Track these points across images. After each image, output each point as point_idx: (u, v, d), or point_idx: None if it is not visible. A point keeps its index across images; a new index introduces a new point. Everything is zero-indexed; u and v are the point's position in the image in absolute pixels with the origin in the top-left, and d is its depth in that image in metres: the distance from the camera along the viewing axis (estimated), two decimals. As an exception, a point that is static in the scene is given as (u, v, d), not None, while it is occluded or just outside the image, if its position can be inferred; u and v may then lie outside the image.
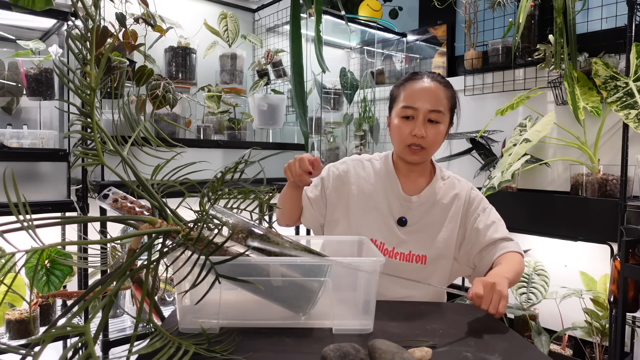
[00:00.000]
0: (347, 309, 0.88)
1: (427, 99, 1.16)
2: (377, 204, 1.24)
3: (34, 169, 1.66)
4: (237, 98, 2.48)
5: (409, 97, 1.18)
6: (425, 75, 1.20)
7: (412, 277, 1.11)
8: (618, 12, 2.02)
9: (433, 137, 1.17)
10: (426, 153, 1.19)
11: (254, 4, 2.71)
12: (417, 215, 1.22)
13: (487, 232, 1.20)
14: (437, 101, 1.17)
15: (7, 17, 1.73)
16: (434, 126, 1.17)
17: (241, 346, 0.77)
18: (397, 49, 3.04)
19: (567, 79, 1.85)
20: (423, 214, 1.23)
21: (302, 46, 1.35)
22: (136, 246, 0.79)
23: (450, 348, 0.78)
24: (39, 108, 1.93)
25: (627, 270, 1.56)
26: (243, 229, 0.88)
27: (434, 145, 1.19)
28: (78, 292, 1.26)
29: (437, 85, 1.18)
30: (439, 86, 1.19)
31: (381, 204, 1.24)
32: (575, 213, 1.92)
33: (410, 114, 1.17)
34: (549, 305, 2.11)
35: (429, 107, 1.16)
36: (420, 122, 1.16)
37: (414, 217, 1.22)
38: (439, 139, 1.19)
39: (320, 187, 1.30)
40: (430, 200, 1.23)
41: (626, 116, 1.66)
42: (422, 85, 1.18)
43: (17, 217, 0.61)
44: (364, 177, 1.28)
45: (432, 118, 1.17)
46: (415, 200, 1.23)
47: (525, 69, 2.32)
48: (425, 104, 1.16)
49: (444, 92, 1.19)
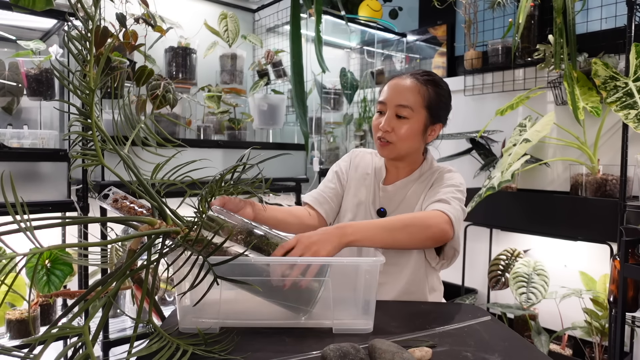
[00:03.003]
0: (347, 308, 0.88)
1: (395, 94, 1.17)
2: (365, 196, 1.26)
3: (34, 169, 1.66)
4: (237, 98, 2.48)
5: (382, 92, 1.20)
6: (408, 73, 1.20)
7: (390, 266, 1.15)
8: (618, 13, 2.03)
9: (400, 132, 1.15)
10: (394, 147, 1.18)
11: (254, 4, 2.71)
12: (393, 205, 1.22)
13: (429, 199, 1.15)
14: (405, 97, 1.15)
15: (8, 17, 1.73)
16: (401, 121, 1.16)
17: (241, 346, 0.77)
18: (397, 49, 3.04)
19: (566, 79, 1.85)
20: (399, 203, 1.22)
21: (302, 46, 1.36)
22: (136, 247, 0.79)
23: (450, 348, 0.79)
24: (39, 108, 1.93)
25: (627, 270, 1.56)
26: (242, 230, 0.88)
27: (402, 141, 1.16)
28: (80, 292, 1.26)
29: (413, 82, 1.17)
30: (415, 83, 1.17)
31: (367, 196, 1.26)
32: (575, 213, 1.92)
33: (380, 108, 1.19)
34: (548, 305, 2.11)
35: (395, 102, 1.16)
36: (387, 116, 1.17)
37: (391, 207, 1.23)
38: (409, 135, 1.16)
39: (336, 180, 1.32)
40: (405, 188, 1.22)
41: (626, 116, 1.66)
42: (396, 81, 1.19)
43: (16, 219, 0.62)
44: (362, 168, 1.31)
45: (398, 113, 1.16)
46: (391, 189, 1.23)
47: (525, 69, 2.32)
48: (393, 98, 1.16)
49: (420, 89, 1.16)
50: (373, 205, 1.24)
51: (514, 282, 2.03)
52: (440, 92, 1.19)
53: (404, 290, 1.18)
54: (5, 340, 1.61)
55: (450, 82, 2.71)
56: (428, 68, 2.91)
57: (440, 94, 1.20)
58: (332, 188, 1.31)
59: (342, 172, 1.33)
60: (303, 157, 2.51)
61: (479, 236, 2.50)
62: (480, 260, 2.55)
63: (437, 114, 1.20)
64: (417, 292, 1.19)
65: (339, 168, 1.34)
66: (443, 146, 2.67)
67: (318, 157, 2.53)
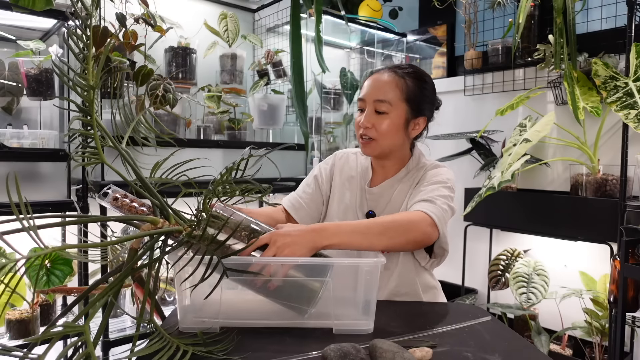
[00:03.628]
0: (348, 308, 0.88)
1: (373, 90, 1.16)
2: (351, 199, 1.24)
3: (34, 169, 1.66)
4: (237, 98, 2.48)
5: (362, 89, 1.19)
6: (387, 68, 1.19)
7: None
8: (618, 12, 2.03)
9: (380, 127, 1.14)
10: (377, 144, 1.16)
11: (254, 4, 2.71)
12: (380, 207, 1.20)
13: (414, 198, 1.13)
14: (382, 91, 1.14)
15: (7, 17, 1.73)
16: (380, 117, 1.14)
17: (241, 346, 0.77)
18: (397, 49, 3.04)
19: (566, 79, 1.85)
20: (385, 204, 1.20)
21: (302, 46, 1.35)
22: (137, 246, 0.79)
23: (451, 348, 0.79)
24: (39, 108, 1.93)
25: (627, 270, 1.56)
26: (245, 227, 0.89)
27: (384, 137, 1.15)
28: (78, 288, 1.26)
29: (390, 76, 1.15)
30: (392, 76, 1.15)
31: (353, 200, 1.23)
32: (575, 213, 1.92)
33: (361, 106, 1.19)
34: (548, 305, 2.11)
35: (374, 97, 1.15)
36: (366, 112, 1.16)
37: (378, 209, 1.20)
38: (390, 129, 1.14)
39: (314, 185, 1.29)
40: (392, 189, 1.20)
41: (626, 116, 1.66)
42: (374, 77, 1.18)
43: (19, 218, 0.61)
44: (347, 171, 1.28)
45: (378, 108, 1.14)
46: (376, 191, 1.21)
47: (525, 69, 2.32)
48: (371, 94, 1.15)
49: (398, 82, 1.14)
50: (360, 209, 1.22)
51: (514, 282, 2.02)
52: (420, 85, 1.17)
53: (394, 291, 1.16)
54: (5, 340, 1.61)
55: (450, 82, 2.75)
56: (428, 68, 2.91)
57: (421, 86, 1.17)
58: (310, 193, 1.28)
59: (321, 177, 1.29)
60: (303, 157, 2.50)
61: (479, 236, 2.50)
62: (480, 260, 2.55)
63: (419, 107, 1.17)
64: (410, 292, 1.18)
65: (319, 172, 1.31)
66: (443, 146, 2.69)
67: (318, 157, 2.53)
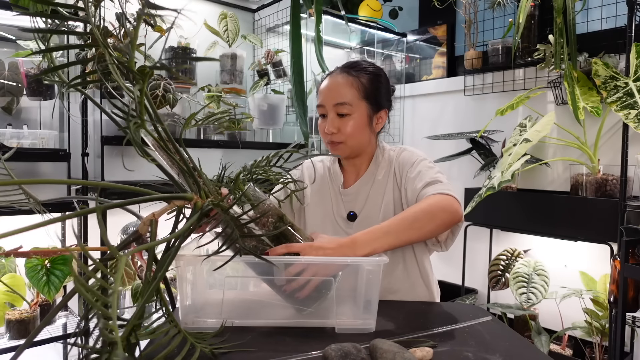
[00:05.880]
0: (349, 308, 0.88)
1: (330, 94, 1.16)
2: (326, 207, 1.23)
3: (34, 169, 1.66)
4: (237, 98, 2.48)
5: (319, 96, 1.19)
6: (337, 70, 1.19)
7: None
8: (618, 12, 2.03)
9: (346, 130, 1.14)
10: (345, 146, 1.17)
11: (254, 4, 2.71)
12: (359, 206, 1.20)
13: (413, 186, 1.12)
14: (340, 94, 1.14)
15: (8, 17, 1.73)
16: (343, 119, 1.15)
17: (242, 345, 0.77)
18: (397, 49, 3.04)
19: (567, 79, 1.85)
20: (364, 202, 1.20)
21: (302, 46, 1.35)
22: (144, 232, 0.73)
23: (451, 348, 0.79)
24: (39, 108, 1.93)
25: (627, 270, 1.56)
26: (274, 213, 0.88)
27: (351, 137, 1.15)
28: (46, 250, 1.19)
29: (344, 77, 1.15)
30: (346, 77, 1.15)
31: (328, 206, 1.23)
32: (575, 213, 1.92)
33: (321, 112, 1.19)
34: (548, 305, 2.11)
35: (333, 102, 1.15)
36: (329, 118, 1.16)
37: (357, 208, 1.21)
38: (356, 130, 1.15)
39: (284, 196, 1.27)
40: (367, 185, 1.21)
41: (626, 116, 1.66)
42: (327, 81, 1.18)
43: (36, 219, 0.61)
44: (317, 181, 1.27)
45: (339, 111, 1.15)
46: (352, 191, 1.21)
47: (525, 69, 2.32)
48: (330, 99, 1.15)
49: (353, 82, 1.15)
50: (338, 213, 1.22)
51: (514, 282, 2.02)
52: (374, 79, 1.17)
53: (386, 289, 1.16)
54: (5, 340, 1.61)
55: (450, 82, 2.75)
56: (428, 68, 2.91)
57: (375, 80, 1.18)
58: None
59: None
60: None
61: (479, 236, 2.50)
62: (480, 260, 2.55)
63: (378, 102, 1.18)
64: (402, 289, 1.17)
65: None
66: (443, 146, 2.69)
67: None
